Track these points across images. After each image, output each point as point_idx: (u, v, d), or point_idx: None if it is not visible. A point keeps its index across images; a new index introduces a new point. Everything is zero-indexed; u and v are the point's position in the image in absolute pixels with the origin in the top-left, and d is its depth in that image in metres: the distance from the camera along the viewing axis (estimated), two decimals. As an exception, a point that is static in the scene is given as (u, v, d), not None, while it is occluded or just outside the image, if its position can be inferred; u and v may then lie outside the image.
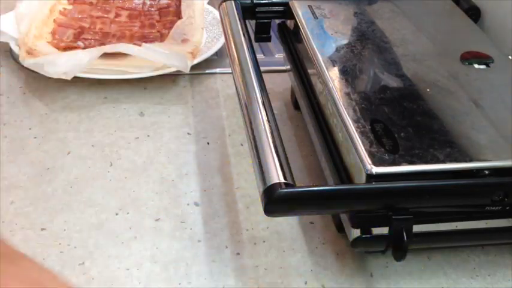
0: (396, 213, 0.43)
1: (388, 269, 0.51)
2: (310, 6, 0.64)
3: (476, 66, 0.56)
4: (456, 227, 0.47)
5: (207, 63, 0.78)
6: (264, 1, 0.66)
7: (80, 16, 0.83)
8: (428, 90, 0.52)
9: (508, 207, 0.45)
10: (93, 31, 0.80)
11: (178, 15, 0.84)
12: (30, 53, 0.71)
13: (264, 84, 0.52)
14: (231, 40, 0.59)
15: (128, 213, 0.55)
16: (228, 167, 0.62)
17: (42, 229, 0.53)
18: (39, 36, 0.75)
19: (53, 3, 0.82)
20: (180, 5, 0.86)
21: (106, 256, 0.51)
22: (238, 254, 0.52)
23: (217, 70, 0.78)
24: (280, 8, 0.66)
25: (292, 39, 0.66)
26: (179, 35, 0.78)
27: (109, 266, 0.50)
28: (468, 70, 0.56)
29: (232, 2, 0.64)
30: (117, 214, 0.55)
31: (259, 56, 0.83)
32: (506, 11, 0.72)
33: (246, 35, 0.59)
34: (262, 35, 0.68)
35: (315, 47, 0.57)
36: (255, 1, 0.65)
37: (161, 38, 0.80)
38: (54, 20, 0.80)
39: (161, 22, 0.84)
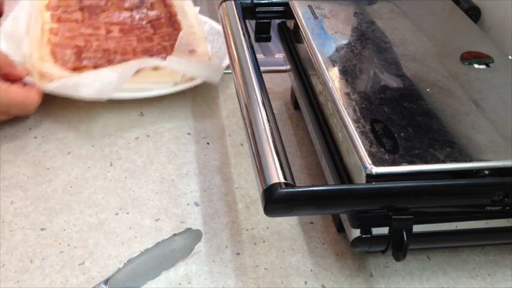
0: (396, 213, 0.43)
1: (388, 269, 0.51)
2: (310, 6, 0.64)
3: (476, 66, 0.56)
4: (456, 227, 0.47)
5: (207, 63, 0.78)
6: (264, 1, 0.66)
7: (70, 34, 0.78)
8: (428, 90, 0.52)
9: (508, 207, 0.45)
10: (93, 49, 0.76)
11: (172, 25, 0.82)
12: (43, 77, 0.68)
13: (264, 84, 0.53)
14: (231, 40, 0.59)
15: (127, 213, 0.55)
16: (228, 167, 0.62)
17: (42, 229, 0.53)
18: (41, 59, 0.71)
19: (41, 23, 0.78)
20: (171, 16, 0.84)
21: (106, 256, 0.51)
22: (238, 254, 0.52)
23: (217, 70, 0.78)
24: (280, 8, 0.66)
25: (292, 39, 0.66)
26: (185, 46, 0.75)
27: (109, 266, 0.50)
28: (468, 70, 0.56)
29: (232, 2, 0.64)
30: (117, 214, 0.55)
31: (259, 56, 0.83)
32: (506, 11, 0.72)
33: (246, 35, 0.59)
34: (262, 35, 0.68)
35: (315, 47, 0.57)
36: (255, 1, 0.65)
37: (164, 50, 0.77)
38: (48, 40, 0.76)
39: (157, 35, 0.81)
